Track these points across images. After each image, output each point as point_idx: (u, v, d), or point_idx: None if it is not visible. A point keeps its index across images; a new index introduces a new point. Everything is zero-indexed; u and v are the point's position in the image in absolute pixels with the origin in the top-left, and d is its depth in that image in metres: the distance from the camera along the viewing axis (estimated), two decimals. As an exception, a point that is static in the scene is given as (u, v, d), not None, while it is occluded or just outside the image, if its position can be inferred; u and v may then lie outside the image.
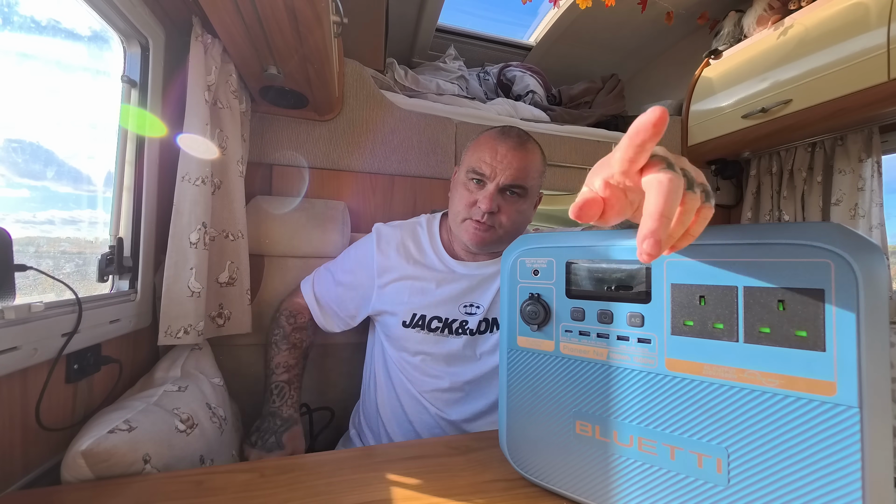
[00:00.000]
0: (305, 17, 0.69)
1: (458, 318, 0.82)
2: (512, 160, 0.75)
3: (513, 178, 0.75)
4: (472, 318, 0.82)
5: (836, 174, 1.38)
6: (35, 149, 0.64)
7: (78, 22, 0.71)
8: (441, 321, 0.82)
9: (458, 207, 0.79)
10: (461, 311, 0.82)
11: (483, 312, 0.82)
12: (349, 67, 1.20)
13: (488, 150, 0.77)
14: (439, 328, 0.82)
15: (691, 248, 0.37)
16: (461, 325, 0.82)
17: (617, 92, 1.84)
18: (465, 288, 0.83)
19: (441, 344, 0.83)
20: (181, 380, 0.75)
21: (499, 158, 0.75)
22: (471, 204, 0.77)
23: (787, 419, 0.33)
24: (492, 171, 0.75)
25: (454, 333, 0.82)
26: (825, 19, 1.16)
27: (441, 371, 0.83)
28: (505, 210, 0.77)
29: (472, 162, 0.78)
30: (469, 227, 0.78)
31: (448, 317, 0.82)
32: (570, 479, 0.44)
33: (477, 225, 0.76)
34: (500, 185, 0.75)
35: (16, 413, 0.52)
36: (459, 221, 0.79)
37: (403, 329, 0.83)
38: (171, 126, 0.86)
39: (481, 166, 0.76)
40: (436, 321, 0.82)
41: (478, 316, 0.82)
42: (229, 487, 0.47)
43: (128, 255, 0.78)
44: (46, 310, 0.55)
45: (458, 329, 0.82)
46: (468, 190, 0.78)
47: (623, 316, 0.41)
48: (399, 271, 0.84)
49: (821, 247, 0.31)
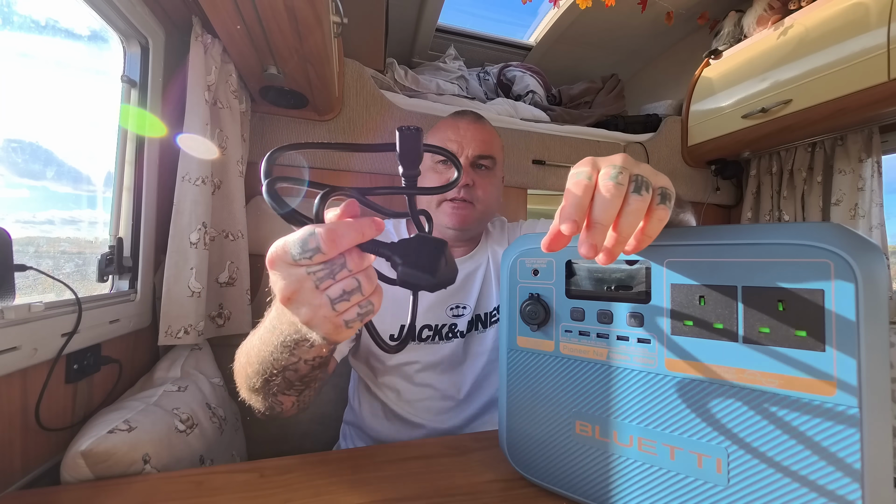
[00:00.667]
0: (305, 18, 0.69)
1: (446, 323, 0.79)
2: (475, 132, 0.77)
3: (481, 149, 0.76)
4: (460, 320, 0.80)
5: (836, 174, 1.38)
6: (34, 149, 0.64)
7: (77, 22, 0.71)
8: (431, 329, 0.78)
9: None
10: (449, 315, 0.79)
11: (471, 312, 0.80)
12: (349, 67, 1.20)
13: (450, 129, 0.78)
14: (430, 336, 0.78)
15: (691, 248, 0.37)
16: (451, 329, 0.79)
17: (617, 92, 1.84)
18: (449, 289, 0.80)
19: (433, 352, 0.78)
20: (181, 380, 0.75)
21: (461, 133, 0.77)
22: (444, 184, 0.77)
23: (787, 419, 0.33)
24: (459, 146, 0.76)
25: (445, 339, 0.79)
26: (825, 19, 1.16)
27: (434, 380, 0.79)
28: (480, 184, 0.77)
29: (435, 143, 0.77)
30: (447, 209, 0.76)
31: (437, 323, 0.78)
32: (569, 479, 0.44)
33: (455, 204, 0.75)
34: (470, 159, 0.76)
35: (15, 413, 0.52)
36: (436, 206, 0.77)
37: (390, 343, 0.79)
38: (171, 126, 0.86)
39: (447, 144, 0.76)
40: (426, 330, 0.78)
41: (466, 317, 0.80)
42: (229, 487, 0.47)
43: (128, 255, 0.78)
44: (46, 310, 0.55)
45: (448, 334, 0.79)
46: (437, 172, 0.78)
47: (623, 316, 0.41)
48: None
49: (821, 247, 0.31)
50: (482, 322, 0.81)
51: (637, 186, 0.30)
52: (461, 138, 0.77)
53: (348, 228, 0.28)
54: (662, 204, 0.31)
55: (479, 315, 0.81)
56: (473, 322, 0.80)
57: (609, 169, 0.31)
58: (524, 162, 1.41)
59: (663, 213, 0.31)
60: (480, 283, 0.81)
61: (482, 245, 0.85)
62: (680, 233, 0.39)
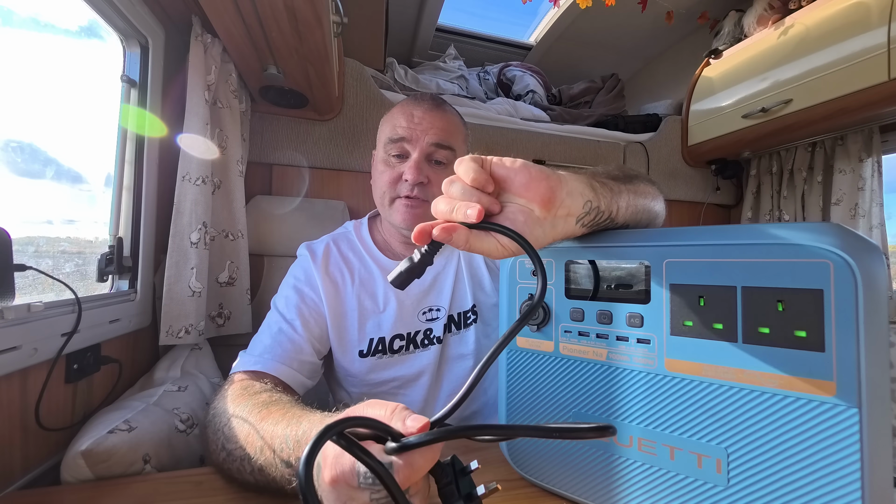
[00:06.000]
0: (305, 17, 0.69)
1: (420, 329, 0.71)
2: (432, 120, 0.67)
3: (437, 138, 0.67)
4: (435, 324, 0.72)
5: (836, 174, 1.38)
6: (34, 148, 0.64)
7: (77, 20, 0.71)
8: (403, 338, 0.70)
9: (383, 188, 0.69)
10: (422, 320, 0.72)
11: (445, 314, 0.73)
12: (349, 67, 1.20)
13: (403, 115, 0.68)
14: (403, 346, 0.70)
15: (691, 248, 0.37)
16: (426, 336, 0.72)
17: (617, 92, 1.84)
18: (419, 292, 0.72)
19: (410, 364, 0.71)
20: (181, 380, 0.75)
21: (416, 121, 0.67)
22: (394, 180, 0.68)
23: (787, 419, 0.32)
24: (411, 134, 0.67)
25: (421, 346, 0.71)
26: (825, 19, 1.16)
27: (418, 395, 0.71)
28: (435, 181, 0.67)
29: (387, 132, 0.69)
30: (399, 207, 0.67)
31: (409, 331, 0.71)
32: (569, 480, 0.44)
33: (408, 202, 0.67)
34: (424, 151, 0.67)
35: (15, 413, 0.52)
36: (388, 204, 0.69)
37: (361, 360, 0.69)
38: (170, 126, 0.86)
39: (397, 131, 0.67)
40: (398, 340, 0.70)
41: (441, 320, 0.72)
42: (229, 487, 0.47)
43: (127, 254, 0.78)
44: (46, 310, 0.55)
45: (423, 341, 0.71)
46: (389, 166, 0.69)
47: (622, 316, 0.41)
48: (345, 290, 0.70)
49: (821, 247, 0.31)
50: (456, 324, 0.74)
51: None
52: (415, 126, 0.67)
53: (424, 461, 0.29)
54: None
55: (452, 316, 0.74)
56: (448, 325, 0.73)
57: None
58: (524, 162, 1.40)
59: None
60: (453, 281, 0.74)
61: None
62: (680, 233, 0.39)
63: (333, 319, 0.68)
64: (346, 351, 0.69)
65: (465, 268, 0.75)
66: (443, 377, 0.73)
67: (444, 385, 0.73)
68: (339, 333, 0.69)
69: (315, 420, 0.40)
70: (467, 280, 0.75)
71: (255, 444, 0.42)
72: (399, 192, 0.67)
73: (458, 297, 0.74)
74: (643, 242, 0.40)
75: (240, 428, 0.45)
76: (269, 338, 0.62)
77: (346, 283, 0.71)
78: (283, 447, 0.39)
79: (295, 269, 0.73)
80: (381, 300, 0.71)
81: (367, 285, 0.72)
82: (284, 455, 0.39)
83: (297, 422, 0.40)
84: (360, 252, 0.74)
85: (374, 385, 0.70)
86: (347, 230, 0.78)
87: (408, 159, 0.67)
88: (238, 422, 0.46)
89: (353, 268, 0.72)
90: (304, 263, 0.72)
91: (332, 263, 0.72)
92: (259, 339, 0.63)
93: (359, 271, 0.72)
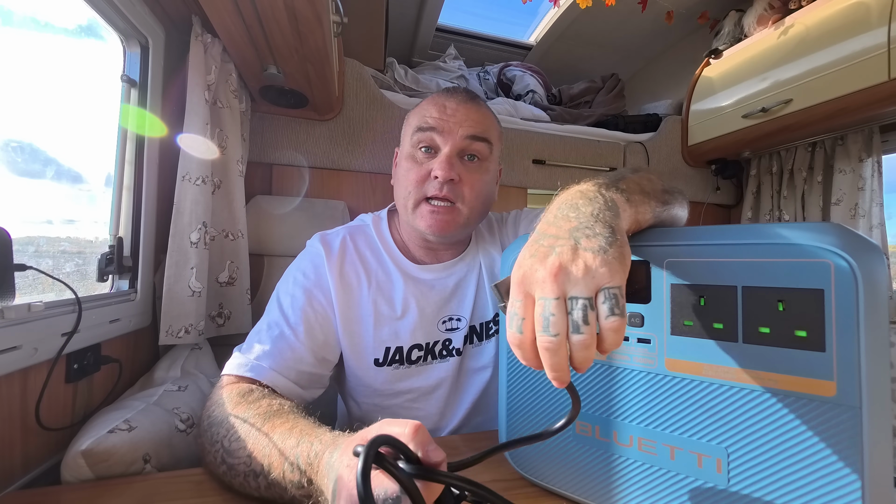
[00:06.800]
0: (305, 17, 0.69)
1: (439, 339, 0.67)
2: (467, 112, 0.62)
3: (472, 130, 0.61)
4: (455, 335, 0.68)
5: (836, 174, 1.38)
6: (34, 148, 0.64)
7: (76, 20, 0.71)
8: (422, 348, 0.66)
9: (408, 187, 0.63)
10: (441, 330, 0.67)
11: (466, 325, 0.68)
12: (349, 67, 1.20)
13: (435, 106, 0.63)
14: (421, 357, 0.66)
15: (691, 248, 0.37)
16: (445, 346, 0.67)
17: (617, 91, 1.84)
18: (440, 299, 0.68)
19: (427, 375, 0.67)
20: (181, 379, 0.75)
21: (449, 112, 0.62)
22: (422, 178, 0.62)
23: (787, 419, 0.32)
24: (443, 126, 0.61)
25: (439, 358, 0.67)
26: (825, 19, 1.16)
27: (433, 408, 0.68)
28: (467, 179, 0.62)
29: (415, 122, 0.63)
30: (425, 213, 0.62)
31: (429, 341, 0.66)
32: (570, 479, 0.44)
33: (433, 208, 0.61)
34: (457, 145, 0.61)
35: (16, 413, 0.52)
36: (412, 208, 0.63)
37: (377, 370, 0.65)
38: (170, 126, 0.86)
39: (428, 121, 0.62)
40: (416, 350, 0.66)
41: (461, 330, 0.68)
42: (229, 487, 0.47)
43: (128, 254, 0.78)
44: (46, 309, 0.55)
45: (441, 352, 0.67)
46: (416, 162, 0.63)
47: (623, 316, 0.41)
48: (359, 293, 0.65)
49: (821, 247, 0.31)
50: (478, 335, 0.70)
51: (575, 325, 0.28)
52: (448, 117, 0.61)
53: (436, 492, 0.29)
54: (612, 316, 0.28)
55: (474, 327, 0.69)
56: (469, 336, 0.69)
57: (540, 318, 0.29)
58: (524, 161, 1.41)
59: (616, 323, 0.29)
60: (475, 290, 0.70)
61: (473, 245, 0.73)
62: (680, 233, 0.39)
63: (345, 325, 0.64)
64: (360, 358, 0.65)
65: (486, 276, 0.71)
66: (460, 390, 0.70)
67: (460, 398, 0.69)
68: (351, 339, 0.64)
69: (326, 441, 0.38)
70: (489, 289, 0.70)
71: (261, 461, 0.41)
72: (426, 192, 0.61)
73: (479, 307, 0.70)
74: (644, 242, 0.40)
75: (242, 443, 0.43)
76: (270, 341, 0.58)
77: (361, 285, 0.65)
78: (293, 469, 0.38)
79: (304, 262, 0.66)
80: (400, 306, 0.66)
81: (385, 288, 0.66)
82: (295, 477, 0.38)
83: (308, 441, 0.39)
84: (379, 251, 0.69)
85: (387, 397, 0.66)
86: (365, 223, 0.72)
87: (437, 154, 0.62)
88: (239, 435, 0.44)
89: (369, 268, 0.67)
90: (315, 260, 0.65)
91: (347, 262, 0.66)
92: (258, 337, 0.59)
93: (376, 273, 0.67)
